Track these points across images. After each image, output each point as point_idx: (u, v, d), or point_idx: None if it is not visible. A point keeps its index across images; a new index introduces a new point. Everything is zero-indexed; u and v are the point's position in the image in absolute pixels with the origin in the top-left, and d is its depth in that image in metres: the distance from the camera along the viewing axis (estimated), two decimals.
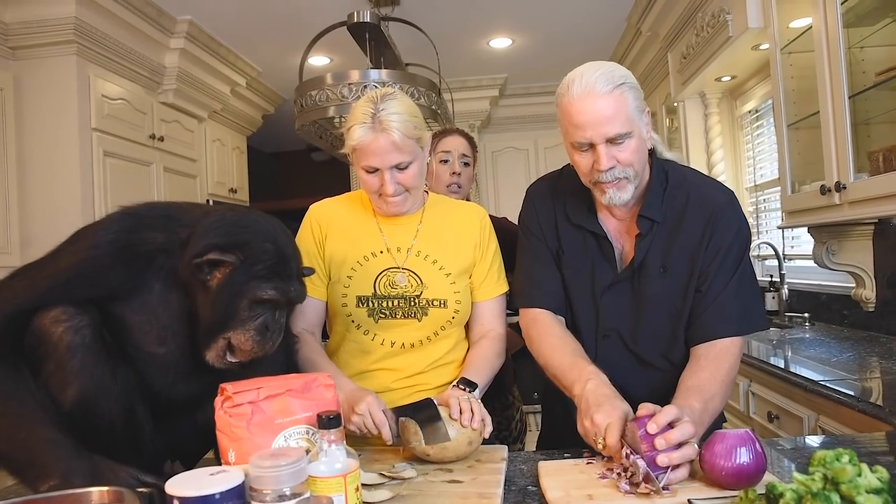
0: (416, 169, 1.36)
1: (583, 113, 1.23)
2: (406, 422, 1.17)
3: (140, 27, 3.36)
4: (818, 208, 2.28)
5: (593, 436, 1.10)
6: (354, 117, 1.32)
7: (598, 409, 1.11)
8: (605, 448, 1.08)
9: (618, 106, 1.23)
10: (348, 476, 0.80)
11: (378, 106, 1.30)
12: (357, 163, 1.35)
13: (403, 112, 1.32)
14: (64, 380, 0.97)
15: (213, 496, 0.73)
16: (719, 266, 1.30)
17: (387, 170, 1.32)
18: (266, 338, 1.07)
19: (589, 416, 1.11)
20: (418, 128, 1.34)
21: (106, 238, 1.04)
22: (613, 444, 1.07)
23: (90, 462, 0.92)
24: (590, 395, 1.15)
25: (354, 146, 1.32)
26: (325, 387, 0.93)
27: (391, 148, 1.30)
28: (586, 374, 1.21)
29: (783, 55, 2.55)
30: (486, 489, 1.04)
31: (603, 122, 1.22)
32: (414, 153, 1.34)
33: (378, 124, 1.29)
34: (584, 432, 1.13)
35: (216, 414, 0.89)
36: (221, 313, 1.05)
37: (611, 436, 1.07)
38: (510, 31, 4.16)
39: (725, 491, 0.97)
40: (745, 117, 3.64)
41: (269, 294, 1.06)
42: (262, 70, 4.48)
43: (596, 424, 1.09)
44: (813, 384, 1.78)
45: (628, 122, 1.24)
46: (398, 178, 1.34)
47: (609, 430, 1.07)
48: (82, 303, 1.01)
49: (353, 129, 1.31)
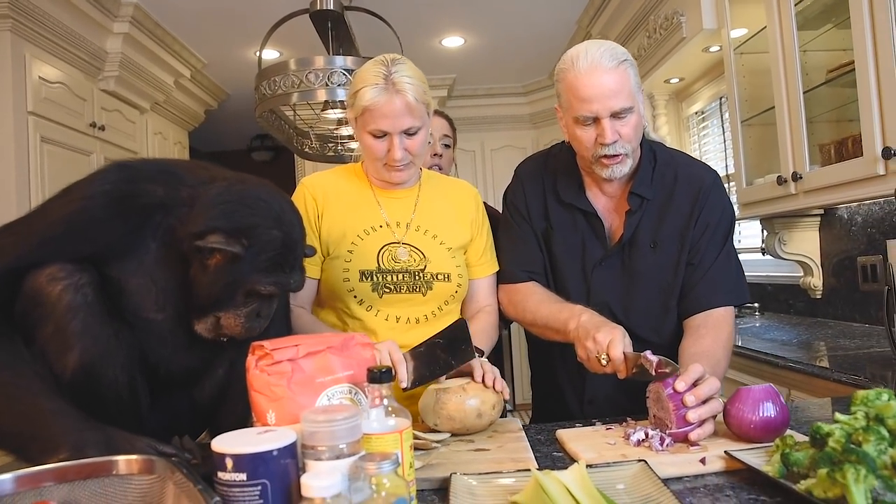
0: (423, 136, 1.33)
1: (590, 87, 1.25)
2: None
3: (82, 7, 3.15)
4: (774, 199, 2.40)
5: (595, 354, 1.13)
6: (364, 79, 1.28)
7: (598, 330, 1.15)
8: (610, 364, 1.11)
9: (622, 81, 1.27)
10: (404, 432, 0.76)
11: (390, 68, 1.27)
12: (363, 127, 1.31)
13: (415, 76, 1.30)
14: (64, 343, 0.88)
15: (270, 453, 0.68)
16: (709, 240, 1.37)
17: (397, 134, 1.29)
18: (255, 324, 1.03)
19: (590, 338, 1.15)
20: (427, 94, 1.32)
21: (101, 188, 0.95)
22: (617, 356, 1.10)
23: (103, 432, 0.84)
24: (587, 322, 1.20)
25: (366, 107, 1.27)
26: (363, 346, 0.88)
27: (404, 110, 1.27)
28: (578, 310, 1.26)
29: (736, 55, 2.68)
30: (517, 454, 1.02)
31: (609, 96, 1.25)
32: (423, 119, 1.32)
33: (392, 85, 1.26)
34: (586, 356, 1.17)
35: (250, 373, 0.83)
36: (217, 296, 0.99)
37: (614, 349, 1.11)
38: (463, 29, 4.18)
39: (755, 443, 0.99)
40: (691, 118, 3.80)
41: (268, 289, 1.01)
42: (208, 62, 4.31)
43: (598, 342, 1.13)
44: (784, 361, 1.86)
45: (631, 96, 1.28)
46: (406, 144, 1.31)
47: (612, 345, 1.11)
48: (80, 260, 0.92)
49: (365, 91, 1.27)
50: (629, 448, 1.02)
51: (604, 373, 1.15)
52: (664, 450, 1.00)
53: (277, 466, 0.68)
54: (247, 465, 0.67)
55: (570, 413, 1.44)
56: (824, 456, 0.80)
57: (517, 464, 0.97)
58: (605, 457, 0.99)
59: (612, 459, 0.97)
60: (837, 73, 2.15)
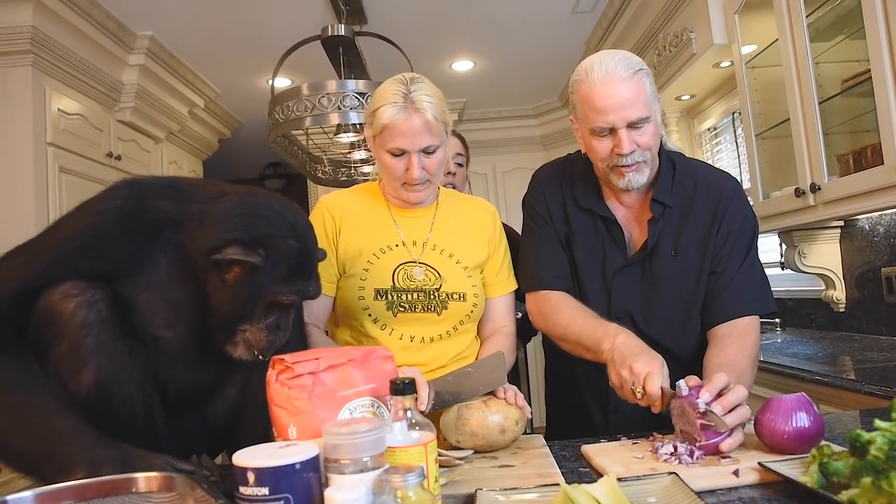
0: (441, 155, 1.33)
1: (605, 97, 1.25)
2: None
3: (99, 41, 3.23)
4: (792, 211, 2.37)
5: (630, 385, 1.08)
6: (383, 97, 1.29)
7: (636, 358, 1.09)
8: (645, 397, 1.06)
9: (638, 90, 1.26)
10: (429, 445, 0.74)
11: (410, 87, 1.28)
12: (382, 146, 1.31)
13: (434, 95, 1.30)
14: (79, 361, 0.87)
15: (293, 466, 0.66)
16: (732, 248, 1.34)
17: (415, 153, 1.29)
18: (277, 336, 1.02)
19: (626, 366, 1.09)
20: (446, 112, 1.33)
21: (112, 204, 0.96)
22: (654, 392, 1.05)
23: (119, 451, 0.82)
24: (623, 346, 1.14)
25: (385, 125, 1.27)
26: (384, 359, 0.87)
27: (423, 129, 1.27)
28: (613, 330, 1.20)
29: (748, 69, 2.67)
30: (543, 470, 0.99)
31: (625, 106, 1.25)
32: (441, 138, 1.32)
33: (411, 104, 1.26)
34: (620, 383, 1.11)
35: (270, 387, 0.81)
36: (239, 310, 0.98)
37: (652, 383, 1.05)
38: (473, 53, 4.22)
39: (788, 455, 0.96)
40: (703, 135, 3.79)
41: (290, 298, 1.01)
42: (221, 91, 4.38)
43: (635, 373, 1.08)
44: (811, 374, 1.81)
45: (647, 106, 1.27)
46: (424, 163, 1.31)
47: (649, 378, 1.06)
48: (92, 277, 0.91)
49: (384, 109, 1.27)
50: (658, 462, 0.99)
51: (636, 404, 1.10)
52: (695, 462, 0.96)
53: (300, 480, 0.67)
54: (269, 479, 0.65)
55: (593, 424, 1.40)
56: (867, 464, 0.77)
57: (543, 479, 0.94)
58: (633, 470, 0.96)
59: (641, 473, 0.94)
60: (852, 82, 2.13)
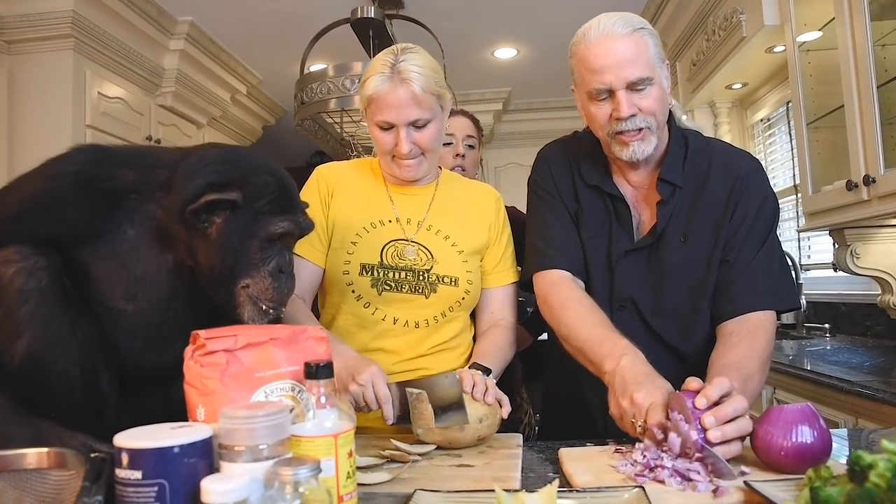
0: (434, 129, 1.25)
1: (601, 56, 1.14)
2: (414, 400, 1.03)
3: (139, 25, 3.28)
4: (843, 206, 2.16)
5: (631, 417, 0.96)
6: (372, 68, 1.22)
7: (639, 388, 0.96)
8: (646, 432, 0.94)
9: (638, 49, 1.14)
10: (340, 437, 0.66)
11: (398, 57, 1.21)
12: (371, 118, 1.24)
13: (425, 65, 1.22)
14: (14, 329, 0.83)
15: (171, 449, 0.59)
16: (746, 234, 1.20)
17: (403, 126, 1.21)
18: (282, 283, 0.96)
19: (627, 396, 0.97)
20: (439, 84, 1.24)
21: (68, 168, 0.91)
22: (655, 426, 0.93)
23: (33, 428, 0.78)
24: (626, 372, 1.01)
25: (370, 96, 1.21)
26: (316, 339, 0.79)
27: (410, 101, 1.20)
28: (619, 348, 1.06)
29: (801, 52, 2.46)
30: (503, 472, 0.90)
31: (623, 65, 1.13)
32: (433, 111, 1.24)
33: (397, 74, 1.19)
34: (619, 414, 0.99)
35: (185, 364, 0.75)
36: (232, 260, 0.92)
37: (654, 417, 0.92)
38: (515, 40, 4.09)
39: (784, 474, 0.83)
40: (756, 126, 3.55)
41: (283, 227, 0.94)
42: (263, 78, 4.40)
43: (636, 404, 0.95)
44: (850, 385, 1.63)
45: (649, 66, 1.15)
46: (414, 137, 1.23)
47: (652, 411, 0.93)
48: (40, 243, 0.87)
49: (370, 80, 1.21)
50: (641, 471, 0.88)
51: (636, 437, 0.98)
52: (673, 477, 0.84)
53: (180, 466, 0.60)
54: (143, 462, 0.59)
55: (594, 425, 1.29)
56: (864, 493, 0.65)
57: (498, 483, 0.84)
58: (602, 480, 0.85)
59: (612, 483, 0.83)
60: None
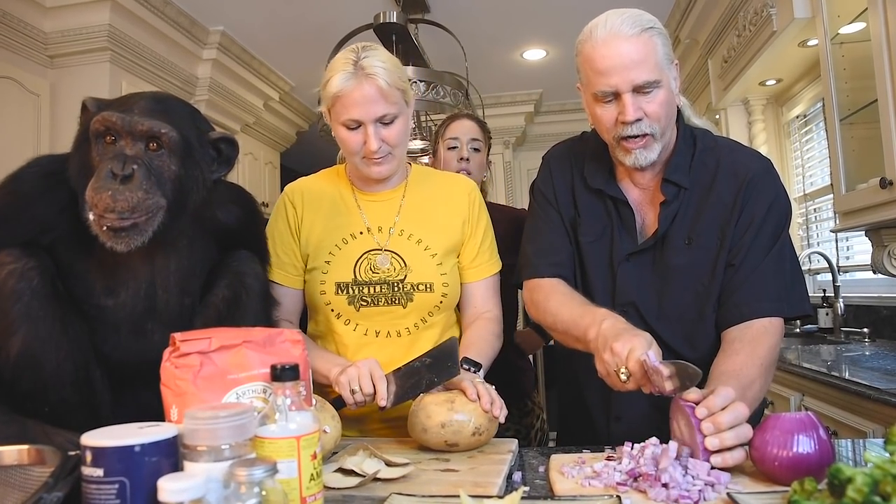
0: (401, 125, 1.24)
1: (607, 57, 1.11)
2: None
3: (172, 36, 3.39)
4: (878, 205, 2.07)
5: (614, 367, 0.96)
6: (333, 68, 1.22)
7: (617, 338, 0.97)
8: (630, 379, 0.94)
9: (646, 50, 1.11)
10: (303, 439, 0.67)
11: (360, 54, 1.20)
12: (337, 119, 1.22)
13: (388, 60, 1.22)
14: (8, 329, 0.87)
15: (132, 448, 0.61)
16: (753, 238, 1.16)
17: (371, 123, 1.20)
18: (111, 185, 0.87)
19: (607, 349, 0.97)
20: (403, 80, 1.24)
21: (29, 170, 0.96)
22: (637, 369, 0.93)
23: (18, 426, 0.81)
24: (606, 331, 1.01)
25: (336, 95, 1.19)
26: (292, 342, 0.80)
27: (376, 96, 1.19)
28: (600, 315, 1.07)
29: (833, 46, 2.37)
30: (484, 478, 0.89)
31: (629, 67, 1.10)
32: (399, 106, 1.23)
33: (361, 70, 1.18)
34: (605, 371, 0.99)
35: (161, 366, 0.77)
36: (78, 170, 0.93)
37: (633, 358, 0.93)
38: (544, 41, 4.06)
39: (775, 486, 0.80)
40: (791, 123, 3.43)
41: (105, 115, 0.90)
42: (296, 85, 4.48)
43: (616, 353, 0.95)
44: (879, 392, 1.56)
45: (657, 69, 1.12)
46: (382, 134, 1.22)
47: (631, 355, 0.93)
48: (30, 246, 0.91)
49: (333, 79, 1.19)
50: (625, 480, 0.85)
51: (627, 390, 0.98)
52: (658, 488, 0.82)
53: (141, 464, 0.61)
54: (105, 459, 0.60)
55: (595, 432, 1.27)
56: None
57: (477, 488, 0.84)
58: (583, 489, 0.83)
59: (592, 493, 0.81)
60: None
